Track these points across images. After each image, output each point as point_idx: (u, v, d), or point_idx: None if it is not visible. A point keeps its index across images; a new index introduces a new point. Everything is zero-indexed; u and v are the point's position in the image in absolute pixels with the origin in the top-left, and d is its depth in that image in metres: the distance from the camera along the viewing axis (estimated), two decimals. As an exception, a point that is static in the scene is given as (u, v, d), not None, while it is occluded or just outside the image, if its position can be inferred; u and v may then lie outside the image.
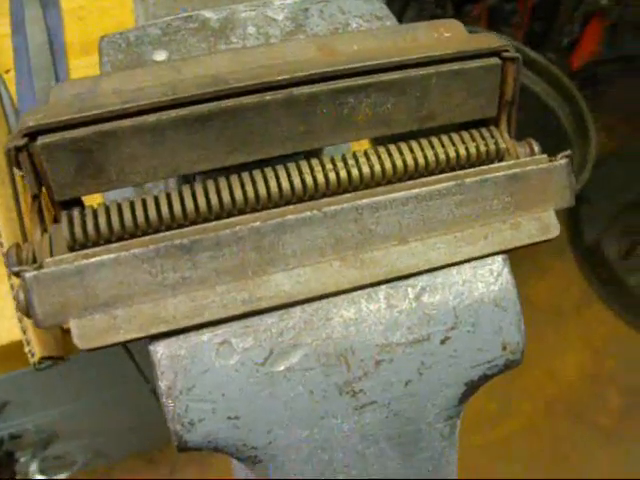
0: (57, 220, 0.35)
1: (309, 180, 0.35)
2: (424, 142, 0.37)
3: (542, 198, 0.37)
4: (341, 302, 0.34)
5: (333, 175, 0.35)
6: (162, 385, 0.32)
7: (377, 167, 0.35)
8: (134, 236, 0.33)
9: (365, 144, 0.70)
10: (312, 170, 0.35)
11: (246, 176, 0.34)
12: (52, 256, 0.33)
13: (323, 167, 0.35)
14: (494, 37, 0.38)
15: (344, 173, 0.35)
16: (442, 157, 0.36)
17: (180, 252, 0.32)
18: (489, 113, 0.39)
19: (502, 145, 0.38)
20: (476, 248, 0.35)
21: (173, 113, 0.33)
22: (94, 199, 0.37)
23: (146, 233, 0.33)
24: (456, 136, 0.38)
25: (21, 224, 0.36)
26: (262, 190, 0.34)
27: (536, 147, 0.39)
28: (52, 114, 0.32)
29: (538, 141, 0.40)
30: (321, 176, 0.35)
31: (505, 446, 1.72)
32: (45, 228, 0.35)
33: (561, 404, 1.83)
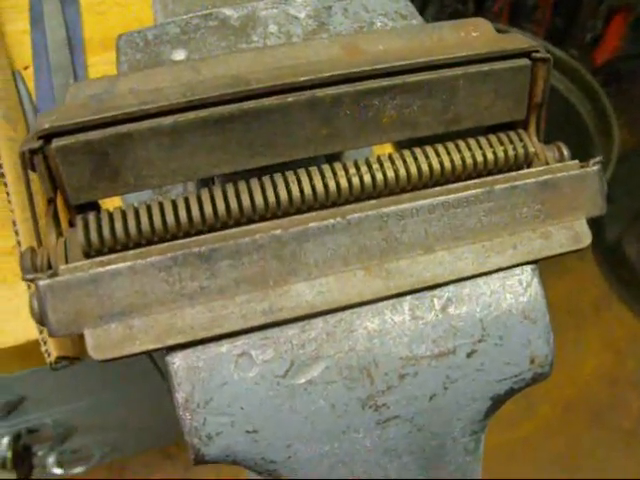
0: (72, 224, 0.34)
1: (332, 185, 0.34)
2: (450, 145, 0.36)
3: (573, 206, 0.35)
4: (365, 313, 0.33)
5: (357, 180, 0.34)
6: (179, 397, 0.31)
7: (402, 171, 0.34)
8: (151, 241, 0.33)
9: (387, 147, 0.68)
10: (335, 174, 0.34)
11: (267, 180, 0.33)
12: (67, 262, 0.32)
13: (346, 171, 0.34)
14: (523, 37, 0.37)
15: (368, 178, 0.34)
16: (469, 161, 0.35)
17: (198, 261, 0.31)
18: (518, 116, 0.37)
19: (531, 149, 0.37)
20: (505, 258, 0.34)
21: (192, 115, 0.32)
22: (112, 201, 0.36)
23: (164, 238, 0.33)
24: (483, 139, 0.36)
25: (35, 227, 0.35)
26: (283, 195, 0.33)
27: (565, 151, 0.38)
28: (67, 116, 0.32)
29: (560, 138, 0.39)
30: (344, 181, 0.34)
31: (523, 447, 1.71)
32: (60, 232, 0.34)
33: (580, 406, 1.81)
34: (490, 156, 0.36)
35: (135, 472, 1.65)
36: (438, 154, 0.35)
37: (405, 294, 0.33)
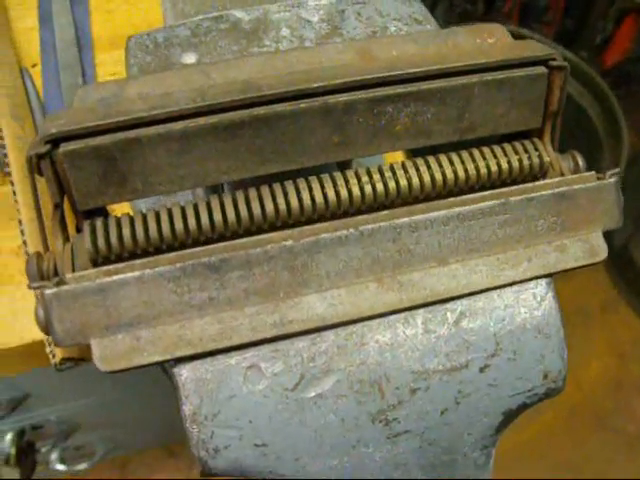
0: (79, 229, 0.34)
1: (344, 193, 0.33)
2: (464, 154, 0.35)
3: (590, 218, 0.35)
4: (376, 326, 0.32)
5: (369, 188, 0.33)
6: (186, 410, 0.30)
7: (415, 180, 0.34)
8: (159, 248, 0.32)
9: (398, 155, 0.68)
10: (347, 182, 0.33)
11: (277, 187, 0.33)
12: (74, 268, 0.32)
13: (358, 179, 0.34)
14: (540, 44, 0.37)
15: (380, 186, 0.33)
16: (483, 171, 0.35)
17: (208, 271, 0.30)
18: (533, 124, 0.37)
19: (546, 159, 0.36)
20: (519, 271, 0.33)
21: (202, 121, 0.32)
22: (121, 206, 0.36)
23: (172, 246, 0.32)
24: (498, 148, 0.36)
25: (42, 231, 0.35)
26: (294, 203, 0.32)
27: (580, 161, 0.37)
28: (75, 120, 0.31)
29: (569, 141, 0.38)
30: (357, 189, 0.33)
31: (527, 451, 1.70)
32: (67, 237, 0.34)
33: (585, 409, 1.80)
34: (505, 166, 0.35)
35: (138, 470, 1.64)
36: (452, 163, 0.35)
37: (418, 307, 0.33)
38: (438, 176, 0.34)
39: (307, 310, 0.31)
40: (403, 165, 0.34)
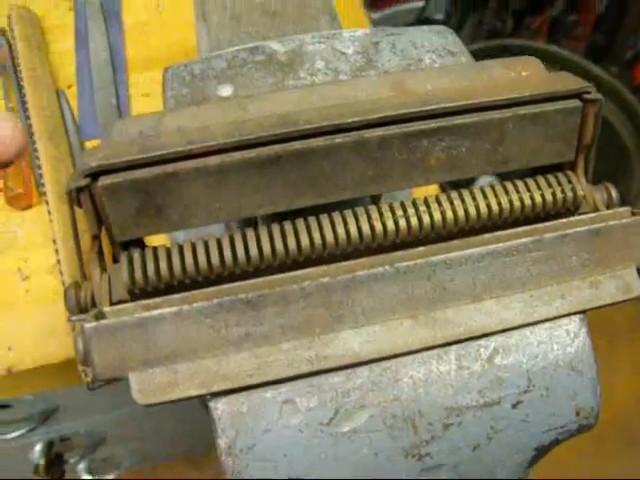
0: (116, 259, 0.34)
1: (378, 227, 0.33)
2: (498, 187, 0.35)
3: (624, 254, 0.35)
4: (410, 362, 0.32)
5: (403, 222, 0.34)
6: (222, 443, 0.31)
7: (449, 214, 0.34)
8: (195, 281, 0.32)
9: (430, 188, 0.68)
10: (381, 216, 0.34)
11: (313, 221, 0.33)
12: (111, 299, 0.32)
13: (393, 213, 0.34)
14: (573, 76, 0.37)
15: (415, 220, 0.34)
16: (517, 204, 0.35)
17: (245, 307, 0.31)
18: (566, 157, 0.37)
19: (580, 192, 0.36)
20: (552, 308, 0.33)
21: (238, 155, 0.32)
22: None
23: (208, 279, 0.32)
24: (531, 181, 0.36)
25: (79, 260, 0.35)
26: (329, 236, 0.33)
27: (614, 193, 0.37)
28: (114, 153, 0.32)
29: (599, 160, 0.38)
30: (391, 223, 0.33)
31: (557, 471, 1.68)
32: (104, 267, 0.34)
33: (612, 428, 1.78)
34: (538, 199, 0.35)
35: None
36: (485, 196, 0.35)
37: (452, 344, 0.33)
38: (472, 210, 0.34)
39: (342, 346, 0.31)
40: (437, 199, 0.35)
